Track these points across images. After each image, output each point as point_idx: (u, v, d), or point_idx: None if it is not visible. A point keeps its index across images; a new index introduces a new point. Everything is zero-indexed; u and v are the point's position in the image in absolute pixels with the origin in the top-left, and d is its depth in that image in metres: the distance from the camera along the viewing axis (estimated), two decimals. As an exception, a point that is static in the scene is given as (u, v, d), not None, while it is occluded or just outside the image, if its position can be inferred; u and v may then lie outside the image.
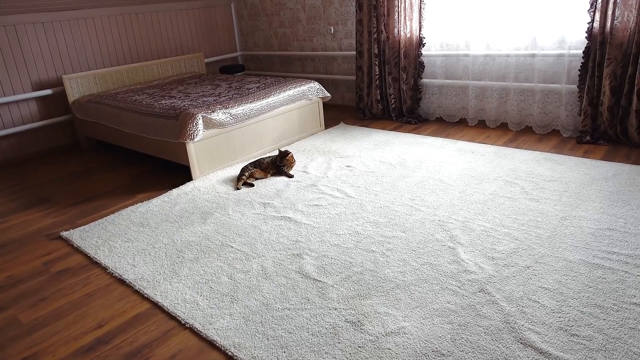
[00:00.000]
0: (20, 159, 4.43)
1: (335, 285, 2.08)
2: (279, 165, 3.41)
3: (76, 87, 4.51)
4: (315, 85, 4.29)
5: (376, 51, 4.59)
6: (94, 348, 1.84)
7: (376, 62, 4.62)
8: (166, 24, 5.38)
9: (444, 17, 4.25)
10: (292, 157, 3.45)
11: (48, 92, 4.46)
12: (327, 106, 5.50)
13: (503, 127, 4.20)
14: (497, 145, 3.74)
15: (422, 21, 4.29)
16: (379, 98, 4.73)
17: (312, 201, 2.96)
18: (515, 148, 3.63)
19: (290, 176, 3.40)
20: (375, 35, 4.54)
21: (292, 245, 2.45)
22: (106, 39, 4.87)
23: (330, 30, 5.22)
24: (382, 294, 1.99)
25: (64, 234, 2.79)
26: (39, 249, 2.68)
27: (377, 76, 4.66)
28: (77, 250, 2.63)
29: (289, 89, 4.08)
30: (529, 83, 3.93)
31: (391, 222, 2.61)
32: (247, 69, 6.36)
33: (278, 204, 2.96)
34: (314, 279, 2.14)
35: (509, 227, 2.45)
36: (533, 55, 3.85)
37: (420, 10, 4.26)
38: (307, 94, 4.22)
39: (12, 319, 2.06)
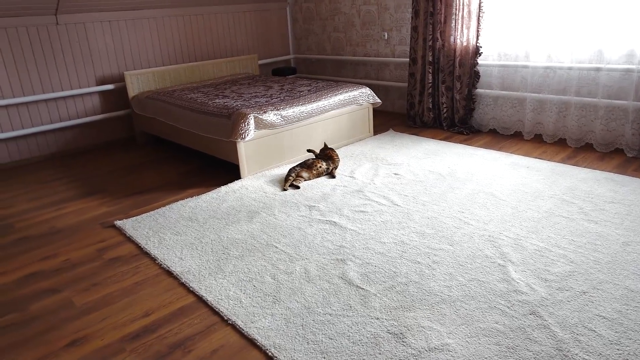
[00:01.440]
0: (81, 149, 4.67)
1: (378, 294, 2.04)
2: (321, 156, 3.55)
3: (136, 84, 4.71)
4: (367, 90, 4.27)
5: (430, 59, 4.51)
6: (140, 336, 1.90)
7: (430, 70, 4.54)
8: (223, 25, 5.53)
9: (503, 26, 4.12)
10: (335, 153, 3.54)
11: (110, 87, 4.69)
12: (377, 112, 5.45)
13: (561, 142, 4.01)
14: (554, 161, 3.57)
15: (479, 30, 4.18)
16: (430, 106, 4.64)
17: (358, 207, 2.94)
18: (574, 165, 3.45)
19: (333, 177, 3.44)
20: (430, 43, 4.47)
21: (336, 250, 2.44)
22: (166, 38, 5.06)
23: (384, 36, 5.18)
24: (427, 307, 1.94)
25: (118, 223, 2.91)
26: (93, 236, 2.81)
27: (430, 84, 4.58)
28: (129, 239, 2.73)
29: (340, 93, 4.08)
30: (592, 98, 3.74)
31: (438, 234, 2.54)
32: (299, 72, 6.42)
33: (324, 207, 2.96)
34: (357, 286, 2.12)
35: (565, 248, 2.33)
36: (598, 69, 3.66)
37: (478, 19, 4.15)
38: (358, 99, 4.20)
39: (67, 301, 2.16)
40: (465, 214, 2.76)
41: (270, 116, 3.55)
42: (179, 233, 2.74)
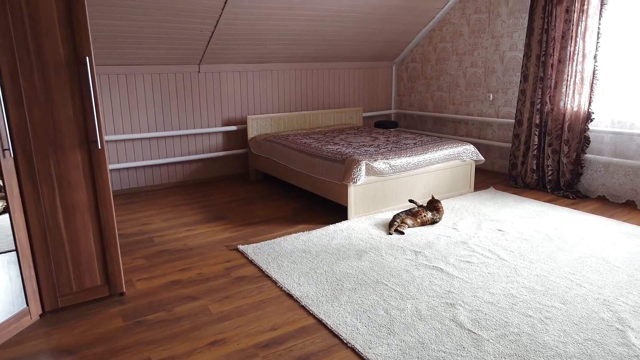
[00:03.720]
0: (204, 180, 5.24)
1: (490, 340, 2.12)
2: (428, 207, 3.72)
3: (255, 127, 5.26)
4: (471, 147, 4.41)
5: (537, 122, 4.57)
6: (270, 346, 2.13)
7: (536, 132, 4.58)
8: (335, 79, 6.03)
9: (618, 93, 4.11)
10: (441, 205, 3.71)
11: (233, 128, 5.28)
12: (477, 169, 5.52)
13: (681, 216, 3.81)
14: (673, 234, 3.41)
15: (592, 96, 4.20)
16: (534, 168, 4.65)
17: (463, 257, 3.03)
18: (698, 240, 3.27)
19: (435, 222, 3.63)
20: (538, 106, 4.54)
21: (445, 294, 2.55)
22: (284, 88, 5.63)
23: (489, 97, 5.33)
24: (543, 359, 1.98)
25: (241, 247, 3.26)
26: (220, 256, 3.17)
27: (536, 146, 4.61)
28: (251, 262, 3.05)
29: (445, 149, 4.26)
30: None
31: (549, 291, 2.56)
32: (399, 126, 6.71)
33: (429, 254, 3.09)
34: (469, 329, 2.21)
35: (691, 322, 2.24)
36: None
37: (591, 85, 4.18)
38: (462, 155, 4.35)
39: (204, 307, 2.48)
40: (576, 275, 2.75)
41: (380, 164, 3.81)
42: (295, 262, 3.01)
